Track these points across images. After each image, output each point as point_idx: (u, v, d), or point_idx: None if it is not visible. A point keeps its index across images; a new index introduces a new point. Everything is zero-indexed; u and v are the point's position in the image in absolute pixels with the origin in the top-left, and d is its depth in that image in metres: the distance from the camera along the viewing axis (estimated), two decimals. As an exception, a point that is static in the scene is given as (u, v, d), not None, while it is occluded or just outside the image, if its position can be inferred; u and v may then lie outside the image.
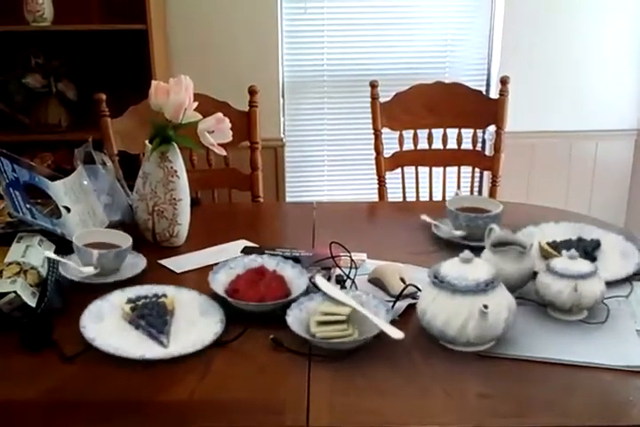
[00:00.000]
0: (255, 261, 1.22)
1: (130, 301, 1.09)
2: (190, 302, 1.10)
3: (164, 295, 1.11)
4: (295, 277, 1.17)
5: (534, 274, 1.14)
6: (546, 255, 1.27)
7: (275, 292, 1.11)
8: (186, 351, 0.96)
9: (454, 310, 0.97)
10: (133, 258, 1.28)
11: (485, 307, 0.94)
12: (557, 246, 1.28)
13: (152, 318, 1.03)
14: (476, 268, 1.01)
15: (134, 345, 0.98)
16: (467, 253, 1.02)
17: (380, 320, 0.99)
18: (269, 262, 1.21)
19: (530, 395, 0.88)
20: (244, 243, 1.41)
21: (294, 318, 1.02)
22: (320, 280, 1.11)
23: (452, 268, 1.02)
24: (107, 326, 1.03)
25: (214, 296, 1.11)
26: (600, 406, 0.87)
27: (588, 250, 1.29)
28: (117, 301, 1.09)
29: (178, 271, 1.27)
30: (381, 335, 1.01)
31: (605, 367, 0.93)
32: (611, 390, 0.90)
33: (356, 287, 1.16)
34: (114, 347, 0.96)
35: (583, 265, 1.07)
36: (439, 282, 1.00)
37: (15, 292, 1.04)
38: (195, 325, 1.05)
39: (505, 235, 1.20)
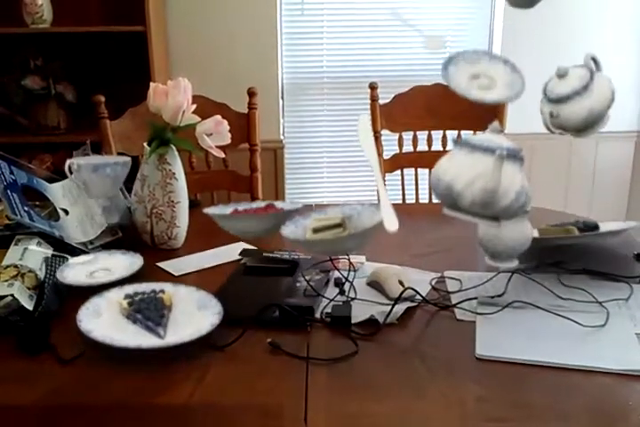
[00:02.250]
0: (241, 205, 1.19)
1: (127, 296, 1.08)
2: (188, 298, 1.10)
3: (162, 291, 1.11)
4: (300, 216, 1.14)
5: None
6: (544, 233, 1.28)
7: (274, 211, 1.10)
8: (182, 341, 0.96)
9: (469, 164, 0.94)
10: (131, 257, 1.28)
11: (501, 156, 0.91)
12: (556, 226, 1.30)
13: (149, 312, 1.03)
14: (503, 139, 0.99)
15: (131, 338, 0.98)
16: (496, 124, 1.00)
17: (386, 205, 0.96)
18: (279, 204, 1.18)
19: (529, 399, 0.88)
20: (242, 245, 1.41)
21: (290, 232, 1.01)
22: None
23: (480, 135, 1.00)
24: (104, 321, 1.02)
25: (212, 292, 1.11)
26: (599, 411, 0.86)
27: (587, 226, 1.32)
28: (115, 297, 1.08)
29: (176, 274, 1.27)
30: (379, 338, 1.01)
31: (605, 371, 0.93)
32: (610, 395, 0.89)
33: (355, 290, 1.16)
34: (110, 338, 0.95)
35: (567, 86, 1.04)
36: (463, 141, 0.98)
37: (12, 295, 1.03)
38: (192, 318, 1.04)
39: None
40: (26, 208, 1.28)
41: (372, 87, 2.05)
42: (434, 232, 1.52)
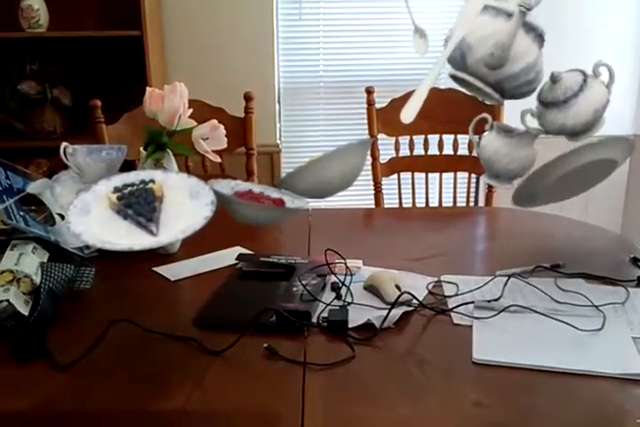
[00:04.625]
0: (239, 185, 1.19)
1: (116, 190, 1.04)
2: (179, 186, 1.06)
3: (152, 181, 1.06)
4: (289, 201, 1.15)
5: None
6: None
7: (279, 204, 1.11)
8: (176, 238, 0.94)
9: (488, 23, 0.94)
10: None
11: (524, 11, 0.91)
12: None
13: (139, 207, 1.00)
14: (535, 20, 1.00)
15: (123, 236, 0.95)
16: None
17: (418, 94, 0.99)
18: (255, 188, 1.18)
19: (526, 403, 0.88)
20: (238, 250, 1.41)
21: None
22: None
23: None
24: (94, 219, 0.98)
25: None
26: (596, 415, 0.86)
27: None
28: (103, 190, 1.04)
29: (172, 279, 1.27)
30: (376, 343, 1.01)
31: (602, 375, 0.93)
32: (607, 398, 0.89)
33: (352, 295, 1.15)
34: (101, 240, 0.92)
35: (552, 94, 1.06)
36: (488, 5, 0.97)
37: (8, 300, 1.03)
38: (184, 210, 1.01)
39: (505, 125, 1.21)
40: (22, 213, 1.28)
41: (369, 91, 2.06)
42: (430, 236, 1.52)
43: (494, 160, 1.12)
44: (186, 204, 1.03)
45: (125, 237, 0.94)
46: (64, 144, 1.19)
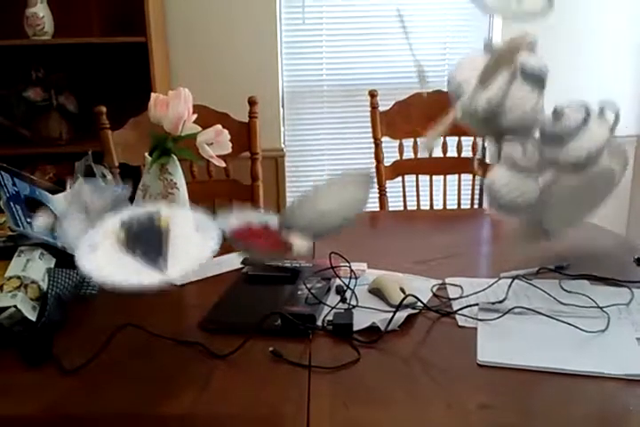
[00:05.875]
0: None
1: (122, 225, 1.05)
2: (185, 219, 1.07)
3: (158, 215, 1.07)
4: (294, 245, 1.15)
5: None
6: None
7: (277, 246, 1.11)
8: (184, 272, 0.95)
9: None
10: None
11: (513, 76, 0.91)
12: None
13: (147, 242, 1.00)
14: (534, 58, 1.01)
15: (132, 272, 0.95)
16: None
17: (441, 125, 1.00)
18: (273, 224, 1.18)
19: (531, 405, 0.88)
20: (244, 254, 1.41)
21: None
22: None
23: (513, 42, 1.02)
24: (102, 257, 0.99)
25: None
26: (602, 416, 0.86)
27: None
28: (110, 227, 1.05)
29: (178, 283, 1.27)
30: (380, 345, 1.01)
31: (606, 376, 0.93)
32: (612, 400, 0.89)
33: (356, 298, 1.16)
34: (112, 278, 0.93)
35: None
36: (490, 45, 0.99)
37: (15, 306, 1.04)
38: (191, 243, 1.02)
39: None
40: (29, 220, 1.28)
41: (372, 95, 2.06)
42: (435, 239, 1.53)
43: (506, 192, 1.11)
44: (192, 237, 1.04)
45: (135, 273, 0.95)
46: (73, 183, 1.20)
